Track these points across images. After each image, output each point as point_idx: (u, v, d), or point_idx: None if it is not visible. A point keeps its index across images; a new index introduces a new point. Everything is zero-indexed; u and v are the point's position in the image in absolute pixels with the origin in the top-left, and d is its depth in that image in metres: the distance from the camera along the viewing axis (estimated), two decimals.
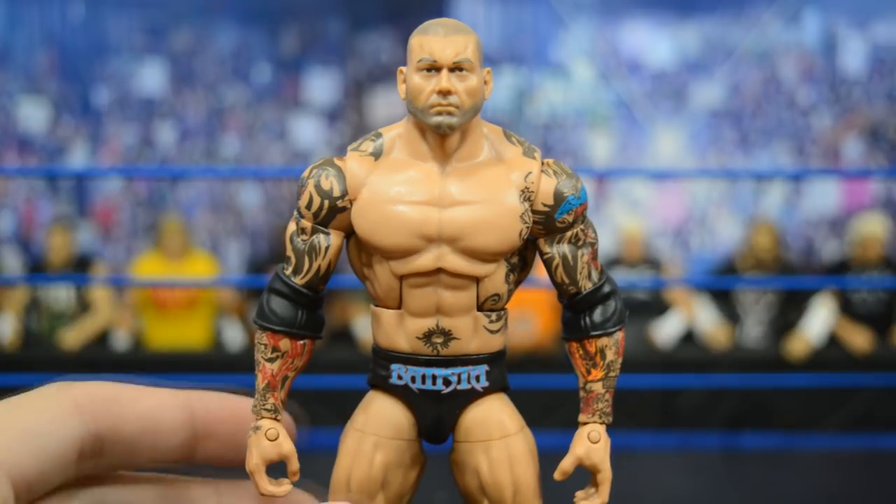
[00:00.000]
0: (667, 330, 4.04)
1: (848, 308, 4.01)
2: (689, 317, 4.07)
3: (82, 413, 0.67)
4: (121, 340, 4.10)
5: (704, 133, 5.58)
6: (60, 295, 4.15)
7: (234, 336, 4.10)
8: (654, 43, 5.56)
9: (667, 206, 5.58)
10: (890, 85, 5.52)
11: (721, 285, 4.14)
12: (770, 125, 5.56)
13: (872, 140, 5.54)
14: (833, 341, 3.90)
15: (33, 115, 5.54)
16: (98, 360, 3.74)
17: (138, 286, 4.19)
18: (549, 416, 2.72)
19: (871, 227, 4.19)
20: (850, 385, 3.47)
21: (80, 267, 4.17)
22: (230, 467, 0.73)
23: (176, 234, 4.24)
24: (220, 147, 5.65)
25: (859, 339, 3.86)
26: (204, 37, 5.64)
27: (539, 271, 0.76)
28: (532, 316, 3.71)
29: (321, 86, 5.70)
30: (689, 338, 4.08)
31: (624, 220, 4.80)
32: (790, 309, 4.02)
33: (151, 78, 5.61)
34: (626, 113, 5.57)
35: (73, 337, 3.95)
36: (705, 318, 4.04)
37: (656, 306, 4.14)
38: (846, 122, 5.53)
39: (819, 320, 3.86)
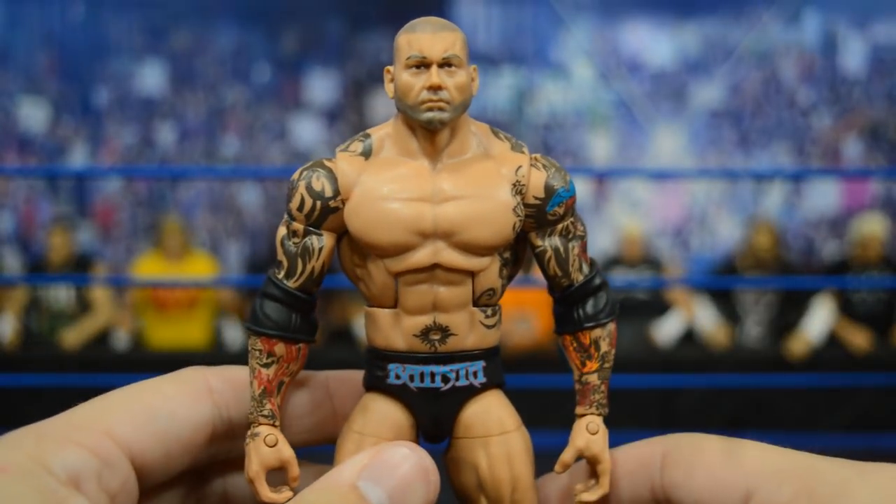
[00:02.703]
0: (667, 330, 4.04)
1: (848, 308, 4.01)
2: (689, 317, 4.07)
3: (216, 397, 0.67)
4: (121, 340, 4.10)
5: (704, 133, 5.58)
6: (60, 295, 4.15)
7: (234, 336, 4.10)
8: (654, 43, 5.56)
9: (667, 206, 5.58)
10: (890, 85, 5.52)
11: (721, 285, 4.14)
12: (770, 125, 5.56)
13: (872, 140, 5.54)
14: (833, 341, 3.90)
15: (33, 115, 5.54)
16: (98, 360, 3.73)
17: (138, 286, 4.19)
18: (549, 415, 2.72)
19: (871, 227, 4.19)
20: (850, 385, 3.47)
21: (80, 267, 4.17)
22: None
23: (176, 234, 4.24)
24: (220, 147, 5.65)
25: (859, 338, 3.86)
26: (204, 37, 5.64)
27: (538, 271, 0.76)
28: (532, 316, 3.71)
29: (321, 86, 5.70)
30: (689, 338, 4.08)
31: (624, 220, 4.81)
32: (790, 309, 4.02)
33: (151, 78, 5.61)
34: (626, 113, 5.57)
35: (73, 337, 3.95)
36: (705, 318, 4.04)
37: (656, 306, 4.14)
38: (846, 122, 5.53)
39: (819, 320, 3.87)
